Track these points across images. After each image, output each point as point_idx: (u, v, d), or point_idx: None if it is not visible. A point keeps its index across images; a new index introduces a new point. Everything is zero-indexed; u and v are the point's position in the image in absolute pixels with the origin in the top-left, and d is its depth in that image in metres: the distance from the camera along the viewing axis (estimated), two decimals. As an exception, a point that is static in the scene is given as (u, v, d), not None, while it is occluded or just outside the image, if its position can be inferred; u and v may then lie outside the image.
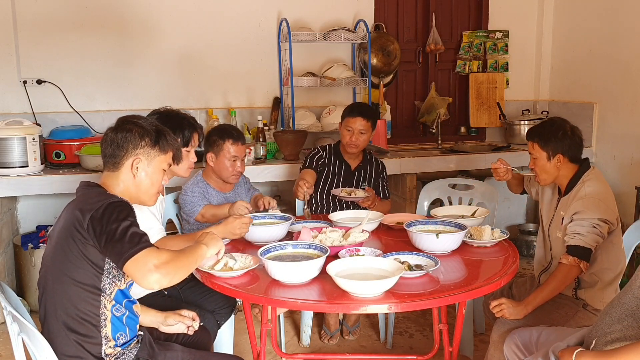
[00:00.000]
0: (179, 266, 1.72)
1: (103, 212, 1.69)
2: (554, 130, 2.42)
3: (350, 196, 2.98)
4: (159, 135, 1.91)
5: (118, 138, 1.87)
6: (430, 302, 1.93)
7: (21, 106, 3.84)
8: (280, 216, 2.65)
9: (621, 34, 4.12)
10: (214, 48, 4.17)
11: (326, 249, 2.12)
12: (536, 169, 2.48)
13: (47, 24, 3.84)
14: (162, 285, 1.67)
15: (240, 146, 2.90)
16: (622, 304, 1.66)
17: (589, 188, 2.35)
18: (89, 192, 1.82)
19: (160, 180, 1.94)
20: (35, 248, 3.59)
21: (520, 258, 2.39)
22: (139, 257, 1.64)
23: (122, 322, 1.83)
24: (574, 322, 2.34)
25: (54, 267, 1.77)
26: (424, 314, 3.49)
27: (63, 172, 3.51)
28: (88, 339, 1.76)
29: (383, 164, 3.36)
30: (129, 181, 1.88)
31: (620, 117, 4.19)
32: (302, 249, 2.20)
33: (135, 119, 1.94)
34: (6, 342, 3.18)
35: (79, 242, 1.71)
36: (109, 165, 1.89)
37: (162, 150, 1.91)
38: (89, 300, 1.75)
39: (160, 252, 1.69)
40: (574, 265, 2.25)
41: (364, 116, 3.12)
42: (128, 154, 1.86)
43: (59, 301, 1.76)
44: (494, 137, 4.93)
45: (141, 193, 1.91)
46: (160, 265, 1.65)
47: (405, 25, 4.68)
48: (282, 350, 3.09)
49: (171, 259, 1.70)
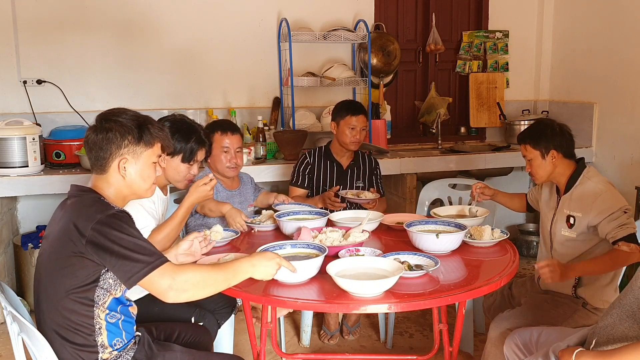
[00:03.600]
0: (203, 285, 1.69)
1: (102, 229, 1.62)
2: (542, 129, 2.45)
3: (359, 198, 2.98)
4: (141, 130, 1.81)
5: (99, 140, 1.78)
6: (430, 302, 1.93)
7: (21, 106, 3.84)
8: (315, 211, 2.66)
9: (621, 34, 4.12)
10: (214, 48, 4.17)
11: (325, 248, 2.12)
12: (532, 170, 2.48)
13: (47, 24, 3.85)
14: (183, 300, 1.66)
15: (231, 136, 2.86)
16: (623, 304, 1.66)
17: (599, 184, 2.36)
18: (83, 199, 1.75)
19: (152, 174, 1.87)
20: (35, 248, 3.60)
21: (520, 258, 2.38)
22: (152, 279, 1.62)
23: (118, 327, 1.79)
24: (572, 320, 2.34)
25: (47, 277, 1.73)
26: (424, 314, 3.49)
27: (63, 172, 3.51)
28: (84, 347, 1.72)
29: (376, 160, 3.35)
30: (119, 182, 1.81)
31: (620, 117, 4.19)
32: (300, 248, 2.19)
33: (114, 115, 1.82)
34: (6, 342, 3.18)
35: (73, 256, 1.65)
36: (95, 168, 1.82)
37: (147, 144, 1.82)
38: (82, 312, 1.70)
39: (178, 271, 1.65)
40: (635, 252, 2.22)
41: (364, 114, 3.17)
42: (112, 155, 1.78)
43: (52, 311, 1.72)
44: (494, 137, 4.93)
45: (135, 191, 1.85)
46: (175, 287, 1.63)
47: (405, 25, 4.68)
48: (282, 350, 3.09)
49: (192, 277, 1.66)
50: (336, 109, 3.24)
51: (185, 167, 2.47)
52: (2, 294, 1.69)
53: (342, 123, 3.16)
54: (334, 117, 3.21)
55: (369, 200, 2.97)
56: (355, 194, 3.04)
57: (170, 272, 1.65)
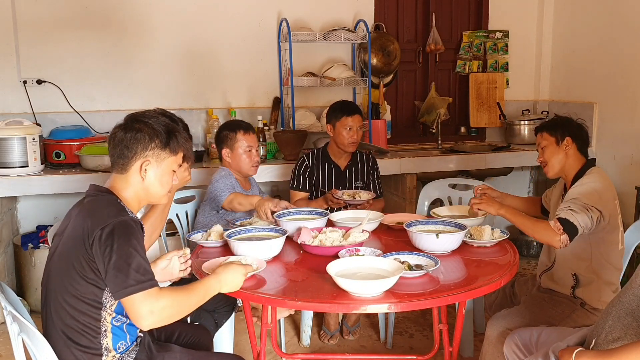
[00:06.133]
0: (178, 311, 1.68)
1: (109, 234, 1.63)
2: (561, 120, 2.54)
3: (354, 199, 2.97)
4: (169, 136, 1.83)
5: (127, 138, 1.79)
6: (430, 302, 1.93)
7: (21, 106, 3.84)
8: (315, 211, 2.70)
9: (621, 34, 4.12)
10: (214, 48, 4.17)
11: (285, 231, 2.38)
12: (545, 157, 2.49)
13: (47, 24, 3.85)
14: (155, 326, 1.66)
15: (252, 135, 2.97)
16: (622, 302, 1.66)
17: (587, 181, 2.37)
18: (99, 200, 1.76)
19: (170, 181, 1.88)
20: (35, 248, 3.59)
21: (520, 258, 2.38)
22: (135, 299, 1.60)
23: (122, 330, 1.80)
24: (571, 320, 2.34)
25: (57, 276, 1.74)
26: (424, 314, 3.49)
27: (63, 172, 3.51)
28: (88, 349, 1.73)
29: (375, 159, 3.34)
30: (137, 184, 1.82)
31: (620, 117, 4.19)
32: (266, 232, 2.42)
33: (145, 117, 1.85)
34: (6, 342, 3.18)
35: (83, 257, 1.67)
36: (117, 167, 1.82)
37: (172, 151, 1.84)
38: (89, 313, 1.72)
39: (160, 296, 1.63)
40: (555, 232, 2.22)
41: (359, 112, 3.18)
42: (137, 155, 1.79)
43: (60, 310, 1.73)
44: (494, 137, 4.93)
45: (150, 195, 1.86)
46: (155, 312, 1.62)
47: (405, 25, 4.68)
48: (282, 350, 3.09)
49: (170, 304, 1.65)
50: (330, 111, 3.22)
51: None
52: (2, 294, 1.69)
53: (338, 125, 3.14)
54: (329, 120, 3.20)
55: (362, 201, 2.94)
56: (352, 194, 3.03)
57: (154, 297, 1.63)
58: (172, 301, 1.66)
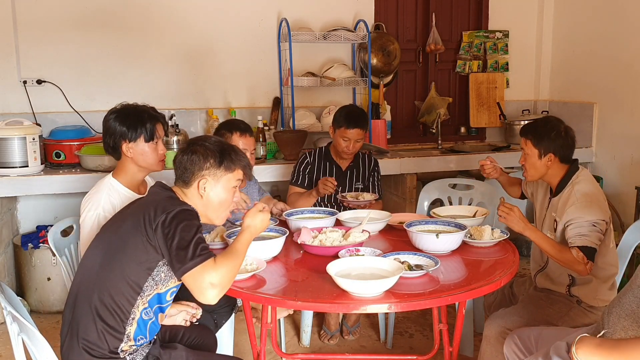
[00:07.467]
0: (233, 274, 1.79)
1: (174, 217, 1.76)
2: (548, 130, 2.43)
3: (358, 200, 2.98)
4: (223, 155, 1.95)
5: (184, 160, 1.94)
6: (430, 302, 1.93)
7: (21, 106, 3.84)
8: (322, 210, 2.72)
9: (621, 34, 4.12)
10: (214, 48, 4.17)
11: (285, 231, 2.38)
12: (526, 165, 2.49)
13: (47, 24, 3.85)
14: (220, 295, 1.74)
15: (248, 138, 2.87)
16: (622, 303, 1.66)
17: (579, 193, 2.35)
18: (163, 193, 1.90)
19: (230, 199, 1.98)
20: (35, 248, 3.59)
21: (520, 258, 2.38)
22: (196, 273, 1.71)
23: (146, 326, 1.87)
24: (568, 318, 2.35)
25: (109, 251, 1.83)
26: (424, 314, 3.49)
27: (63, 172, 3.51)
28: (112, 331, 1.80)
29: (376, 160, 3.33)
30: (197, 199, 1.94)
31: (620, 117, 4.19)
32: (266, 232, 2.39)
33: (201, 140, 1.99)
34: (6, 342, 3.18)
35: (142, 238, 1.77)
36: (179, 182, 1.97)
37: (227, 169, 1.95)
38: (127, 296, 1.79)
39: (217, 265, 1.74)
40: (579, 262, 2.24)
41: (360, 126, 3.06)
42: (195, 175, 1.93)
43: (100, 283, 1.80)
44: (494, 137, 4.93)
45: (209, 212, 1.96)
46: (216, 284, 1.71)
47: (405, 25, 4.68)
48: (282, 350, 3.09)
49: (227, 270, 1.75)
50: (336, 114, 3.15)
51: (151, 146, 2.37)
52: (2, 294, 1.69)
53: (337, 132, 3.10)
54: (333, 122, 3.16)
55: (367, 202, 2.95)
56: (354, 195, 3.04)
57: (211, 268, 1.73)
58: (226, 267, 1.76)
